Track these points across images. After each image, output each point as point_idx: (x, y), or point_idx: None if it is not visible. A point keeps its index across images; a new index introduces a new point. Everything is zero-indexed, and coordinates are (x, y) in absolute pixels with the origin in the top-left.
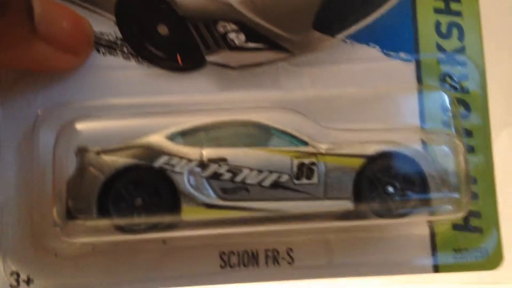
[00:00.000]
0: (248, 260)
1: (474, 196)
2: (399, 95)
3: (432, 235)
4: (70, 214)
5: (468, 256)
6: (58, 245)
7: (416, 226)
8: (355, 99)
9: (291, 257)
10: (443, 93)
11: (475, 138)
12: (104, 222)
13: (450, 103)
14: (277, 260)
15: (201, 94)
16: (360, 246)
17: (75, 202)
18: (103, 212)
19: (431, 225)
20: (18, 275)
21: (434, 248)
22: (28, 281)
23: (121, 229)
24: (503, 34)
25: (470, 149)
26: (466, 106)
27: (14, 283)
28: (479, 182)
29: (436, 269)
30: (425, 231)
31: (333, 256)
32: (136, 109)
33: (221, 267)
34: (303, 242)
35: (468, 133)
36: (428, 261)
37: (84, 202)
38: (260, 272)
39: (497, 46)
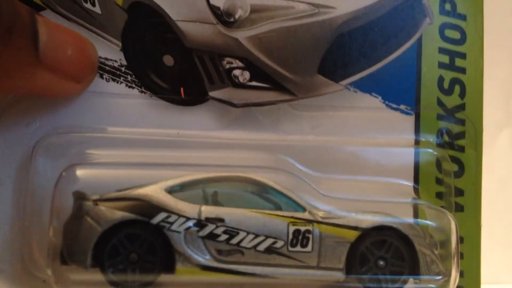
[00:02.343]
0: None
1: (460, 255)
2: (395, 148)
3: None
4: (63, 260)
5: None
6: (46, 274)
7: None
8: (353, 148)
9: None
10: (439, 151)
11: (466, 197)
12: (97, 275)
13: (444, 161)
14: None
15: (201, 130)
16: None
17: (70, 249)
18: (97, 264)
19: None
20: None
21: None
22: None
23: (114, 284)
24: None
25: (460, 208)
26: (460, 165)
27: None
28: (465, 242)
29: None
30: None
31: None
32: (135, 141)
33: None
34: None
35: (460, 192)
36: None
37: (80, 251)
38: None
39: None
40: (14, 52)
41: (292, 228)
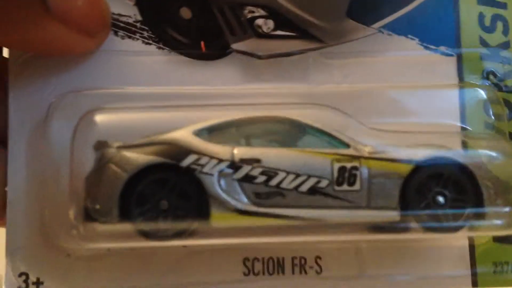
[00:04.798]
0: (273, 267)
1: None
2: (438, 91)
3: (472, 247)
4: (88, 216)
5: (509, 270)
6: (70, 245)
7: (455, 236)
8: (391, 94)
9: (319, 266)
10: (486, 92)
11: None
12: (126, 226)
13: (493, 103)
14: (304, 268)
15: (225, 85)
16: (394, 256)
17: (94, 203)
18: (125, 214)
19: (470, 236)
20: (27, 276)
21: (473, 260)
22: (38, 283)
23: (145, 234)
24: None
25: None
26: (510, 107)
27: (23, 285)
28: None
29: (475, 283)
30: (464, 242)
31: (365, 267)
32: (155, 98)
33: (245, 274)
34: (332, 250)
35: (511, 136)
36: (467, 275)
37: (104, 203)
38: (286, 282)
39: None
40: (21, 3)
41: (336, 165)
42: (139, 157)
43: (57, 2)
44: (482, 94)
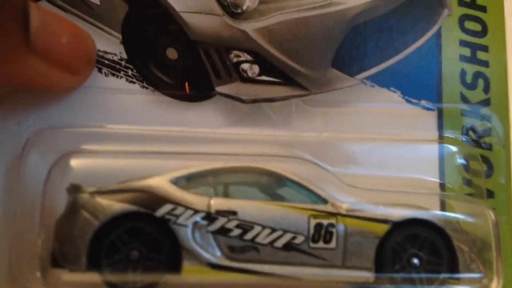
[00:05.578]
0: None
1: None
2: (418, 145)
3: None
4: (55, 262)
5: None
6: (36, 285)
7: None
8: (371, 145)
9: None
10: (465, 148)
11: (497, 199)
12: (93, 276)
13: (472, 159)
14: None
15: (207, 128)
16: None
17: (62, 248)
18: (93, 263)
19: None
20: None
21: None
22: None
23: (112, 286)
24: None
25: None
26: (489, 164)
27: None
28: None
29: None
30: None
31: None
32: (135, 139)
33: None
34: None
35: (490, 194)
36: None
37: (73, 250)
38: None
39: None
40: (2, 37)
41: (313, 222)
42: (112, 205)
43: (41, 39)
44: (462, 150)
